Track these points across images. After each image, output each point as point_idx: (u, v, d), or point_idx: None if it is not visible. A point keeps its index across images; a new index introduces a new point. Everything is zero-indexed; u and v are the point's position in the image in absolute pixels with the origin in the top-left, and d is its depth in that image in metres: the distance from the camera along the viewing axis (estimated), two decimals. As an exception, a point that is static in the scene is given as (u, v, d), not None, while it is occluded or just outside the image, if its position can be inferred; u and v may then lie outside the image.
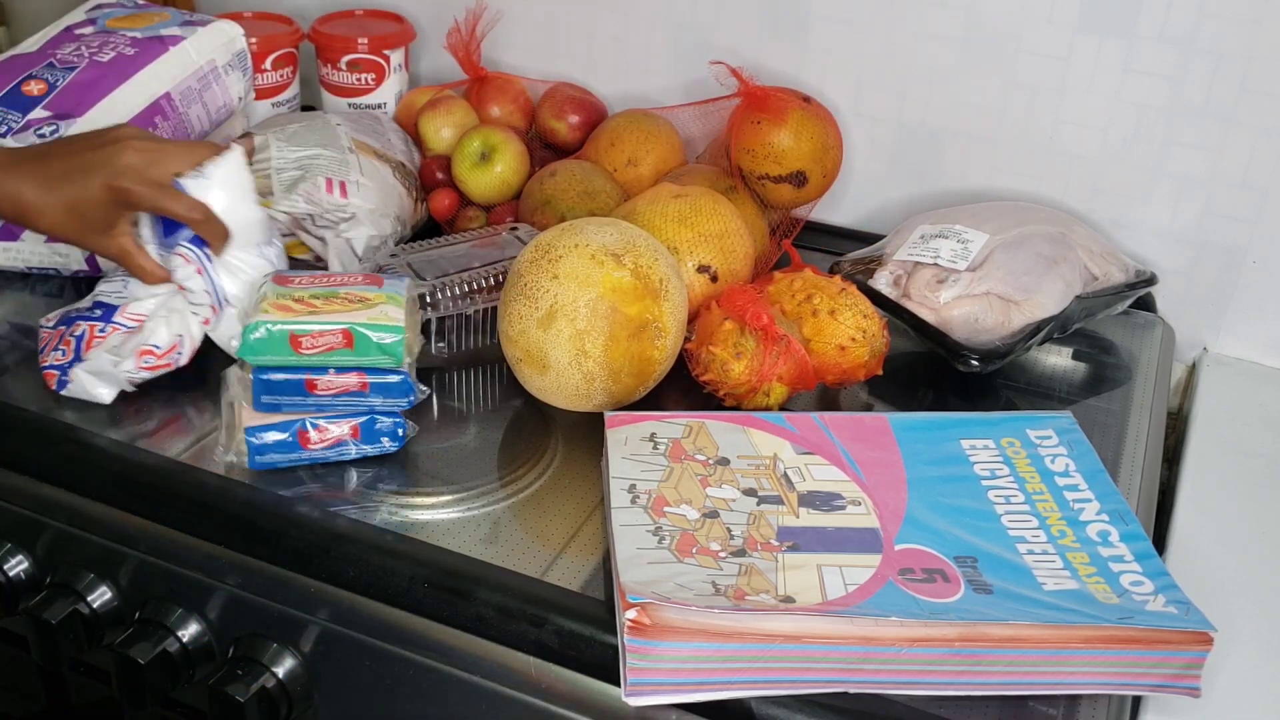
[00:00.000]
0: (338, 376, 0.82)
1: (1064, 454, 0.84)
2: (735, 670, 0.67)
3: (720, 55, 1.18)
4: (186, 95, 1.06)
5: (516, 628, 0.72)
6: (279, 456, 0.82)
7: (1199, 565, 0.83)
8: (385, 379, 0.83)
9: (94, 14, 1.11)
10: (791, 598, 0.69)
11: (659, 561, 0.71)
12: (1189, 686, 0.69)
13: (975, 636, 0.66)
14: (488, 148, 1.12)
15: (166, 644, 0.84)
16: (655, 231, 0.97)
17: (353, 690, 0.81)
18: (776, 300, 0.93)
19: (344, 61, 1.26)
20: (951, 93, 1.14)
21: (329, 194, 1.02)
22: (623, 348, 0.85)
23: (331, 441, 0.83)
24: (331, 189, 1.03)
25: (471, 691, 0.76)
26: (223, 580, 0.82)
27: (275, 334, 0.80)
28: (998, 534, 0.76)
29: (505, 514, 0.81)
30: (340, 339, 0.81)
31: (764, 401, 0.89)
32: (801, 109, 1.08)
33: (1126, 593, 0.70)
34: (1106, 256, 1.04)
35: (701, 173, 1.11)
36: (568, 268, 0.85)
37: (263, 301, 0.82)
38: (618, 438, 0.83)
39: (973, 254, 0.99)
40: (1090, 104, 1.09)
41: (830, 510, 0.77)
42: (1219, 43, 1.02)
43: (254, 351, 0.80)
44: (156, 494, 0.83)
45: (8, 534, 0.91)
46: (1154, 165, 1.09)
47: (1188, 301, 1.11)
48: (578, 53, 1.29)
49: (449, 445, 0.88)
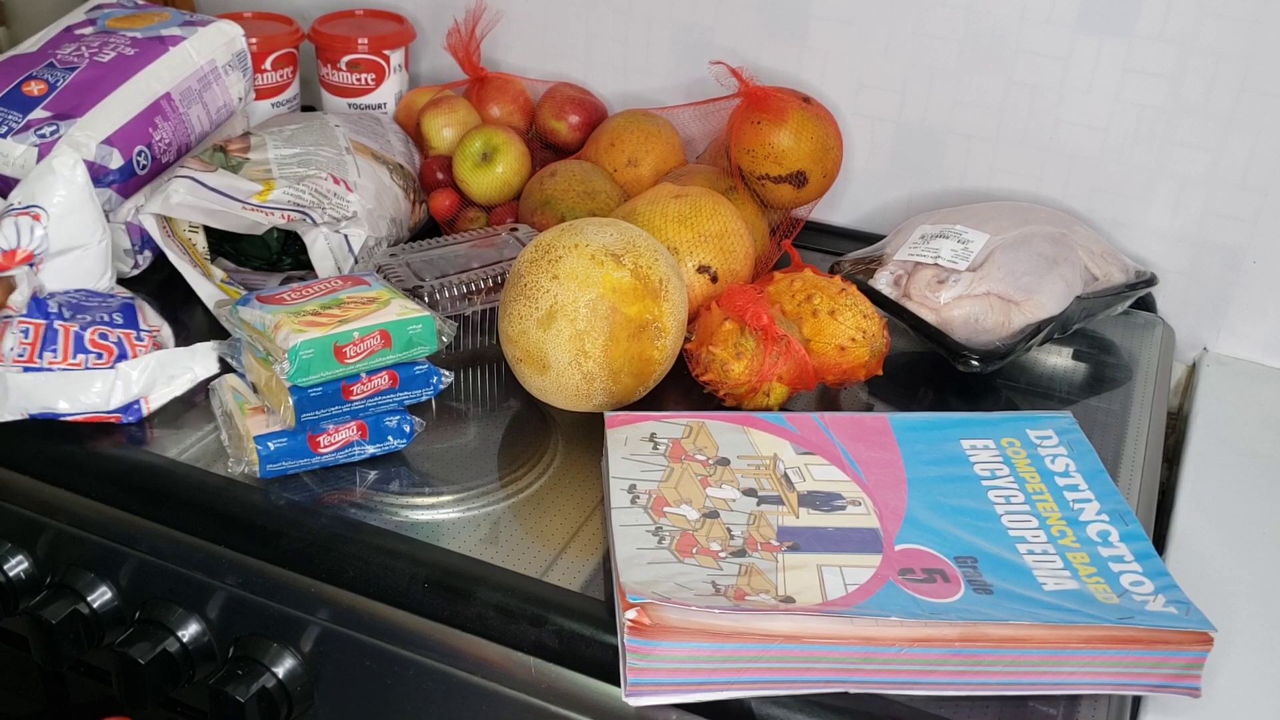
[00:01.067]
0: (371, 378, 0.82)
1: (1064, 454, 0.83)
2: (735, 670, 0.67)
3: (720, 55, 1.18)
4: (186, 95, 1.06)
5: (516, 628, 0.72)
6: (290, 463, 0.82)
7: (1199, 565, 0.83)
8: (412, 371, 0.83)
9: (94, 14, 1.11)
10: (791, 598, 0.69)
11: (659, 561, 0.71)
12: (1189, 686, 0.69)
13: (975, 636, 0.66)
14: (489, 148, 1.12)
15: (166, 644, 0.84)
16: (655, 231, 0.97)
17: (353, 690, 0.81)
18: (776, 300, 0.93)
19: (344, 61, 1.26)
20: (951, 92, 1.14)
21: (335, 185, 1.02)
22: (623, 348, 0.85)
23: (341, 444, 0.83)
24: (338, 183, 1.03)
25: (471, 691, 0.76)
26: (223, 580, 0.82)
27: (321, 350, 0.79)
28: (998, 534, 0.76)
29: (505, 514, 0.81)
30: (380, 340, 0.81)
31: (764, 401, 0.89)
32: (801, 109, 1.08)
33: (1126, 593, 0.70)
34: (1107, 257, 1.04)
35: (701, 173, 1.11)
36: (568, 268, 0.85)
37: (279, 327, 0.80)
38: (618, 438, 0.83)
39: (973, 254, 0.99)
40: (1090, 104, 1.09)
41: (830, 510, 0.77)
42: (1219, 43, 1.02)
43: (305, 372, 0.78)
44: (156, 494, 0.83)
45: (8, 534, 0.91)
46: (1154, 165, 1.09)
47: (1188, 301, 1.11)
48: (578, 53, 1.29)
49: (449, 445, 0.88)
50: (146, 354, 0.87)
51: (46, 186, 0.89)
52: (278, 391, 0.80)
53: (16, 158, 0.99)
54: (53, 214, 0.89)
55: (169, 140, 1.04)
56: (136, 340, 0.87)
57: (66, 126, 0.99)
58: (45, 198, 0.89)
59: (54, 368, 0.85)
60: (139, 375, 0.87)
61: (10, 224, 0.88)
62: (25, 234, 0.88)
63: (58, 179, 0.89)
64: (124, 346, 0.87)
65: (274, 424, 0.82)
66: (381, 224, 1.06)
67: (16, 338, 0.85)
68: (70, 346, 0.86)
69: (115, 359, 0.86)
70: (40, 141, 0.98)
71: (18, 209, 0.89)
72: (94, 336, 0.87)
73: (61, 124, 0.99)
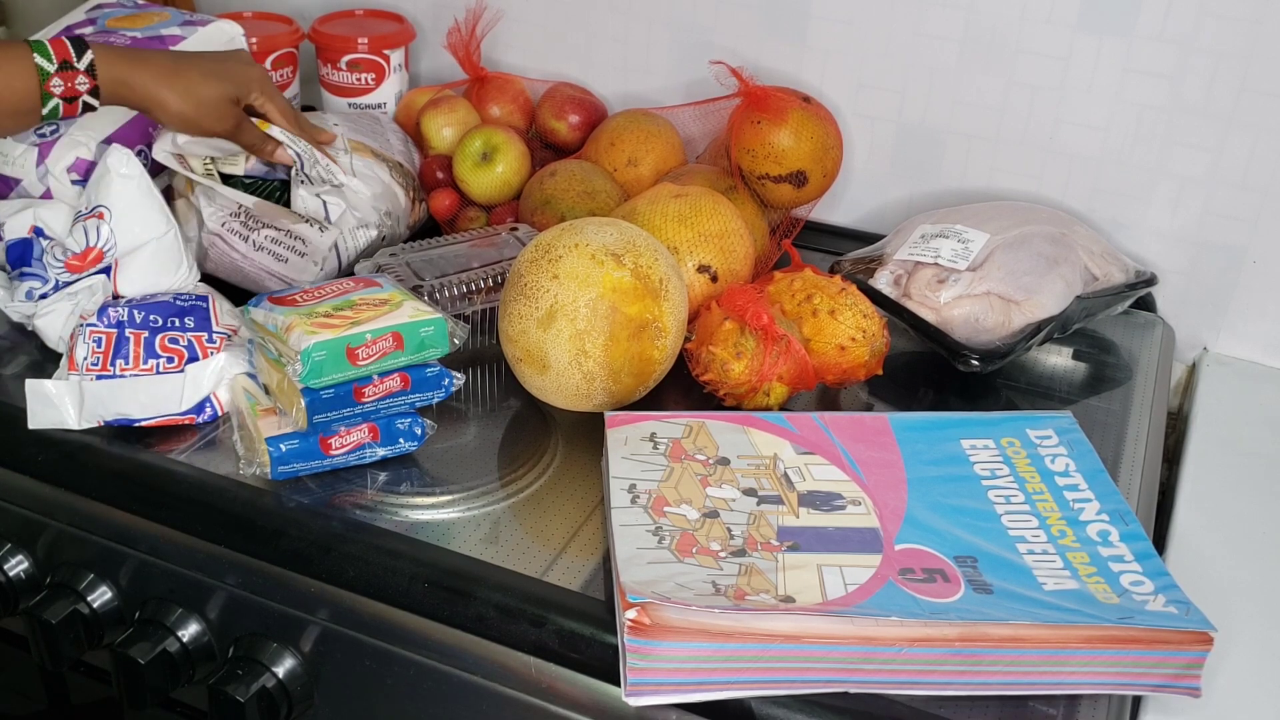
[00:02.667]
0: (383, 380, 0.82)
1: (1064, 454, 0.83)
2: (735, 670, 0.67)
3: (720, 55, 1.18)
4: (187, 95, 1.06)
5: (516, 628, 0.72)
6: (302, 465, 0.82)
7: (1199, 565, 0.82)
8: (424, 373, 0.83)
9: (94, 14, 1.11)
10: (791, 598, 0.69)
11: (659, 561, 0.71)
12: (1189, 686, 0.69)
13: (975, 636, 0.66)
14: (489, 148, 1.12)
15: (166, 644, 0.84)
16: (655, 231, 0.97)
17: (353, 690, 0.81)
18: (776, 300, 0.93)
19: (344, 61, 1.26)
20: (951, 92, 1.14)
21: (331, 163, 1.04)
22: (623, 348, 0.85)
23: (353, 446, 0.83)
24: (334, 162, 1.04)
25: (471, 691, 0.76)
26: (223, 580, 0.82)
27: (333, 352, 0.79)
28: (998, 534, 0.76)
29: (505, 514, 0.81)
30: (392, 342, 0.81)
31: (764, 401, 0.89)
32: (801, 109, 1.08)
33: (1127, 593, 0.70)
34: (1107, 257, 1.04)
35: (701, 173, 1.11)
36: (568, 268, 0.85)
37: (291, 329, 0.80)
38: (618, 438, 0.83)
39: (973, 254, 0.99)
40: (1090, 104, 1.09)
41: (830, 510, 0.77)
42: (1219, 43, 1.02)
43: (318, 374, 0.79)
44: (156, 494, 0.83)
45: (8, 534, 0.91)
46: (1154, 165, 1.09)
47: (1188, 301, 1.11)
48: (578, 53, 1.29)
49: (449, 445, 0.88)
50: (217, 354, 0.88)
51: (105, 186, 0.90)
52: (290, 393, 0.80)
53: (17, 157, 0.99)
54: (115, 211, 0.90)
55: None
56: (208, 342, 0.88)
57: (66, 126, 0.99)
58: (105, 197, 0.90)
59: (125, 374, 0.86)
60: (209, 376, 0.87)
61: (79, 229, 0.91)
62: (93, 234, 0.90)
63: (113, 177, 0.90)
64: (194, 349, 0.88)
65: (286, 425, 0.82)
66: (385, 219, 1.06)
67: (89, 347, 0.87)
68: (141, 352, 0.87)
69: (186, 362, 0.87)
70: (40, 141, 0.99)
71: (85, 213, 0.91)
72: (164, 341, 0.88)
73: (61, 123, 0.99)
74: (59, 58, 0.89)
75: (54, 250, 0.91)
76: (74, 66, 0.89)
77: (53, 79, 0.88)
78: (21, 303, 0.92)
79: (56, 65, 0.88)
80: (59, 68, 0.88)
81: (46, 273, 0.91)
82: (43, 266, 0.92)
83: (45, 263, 0.92)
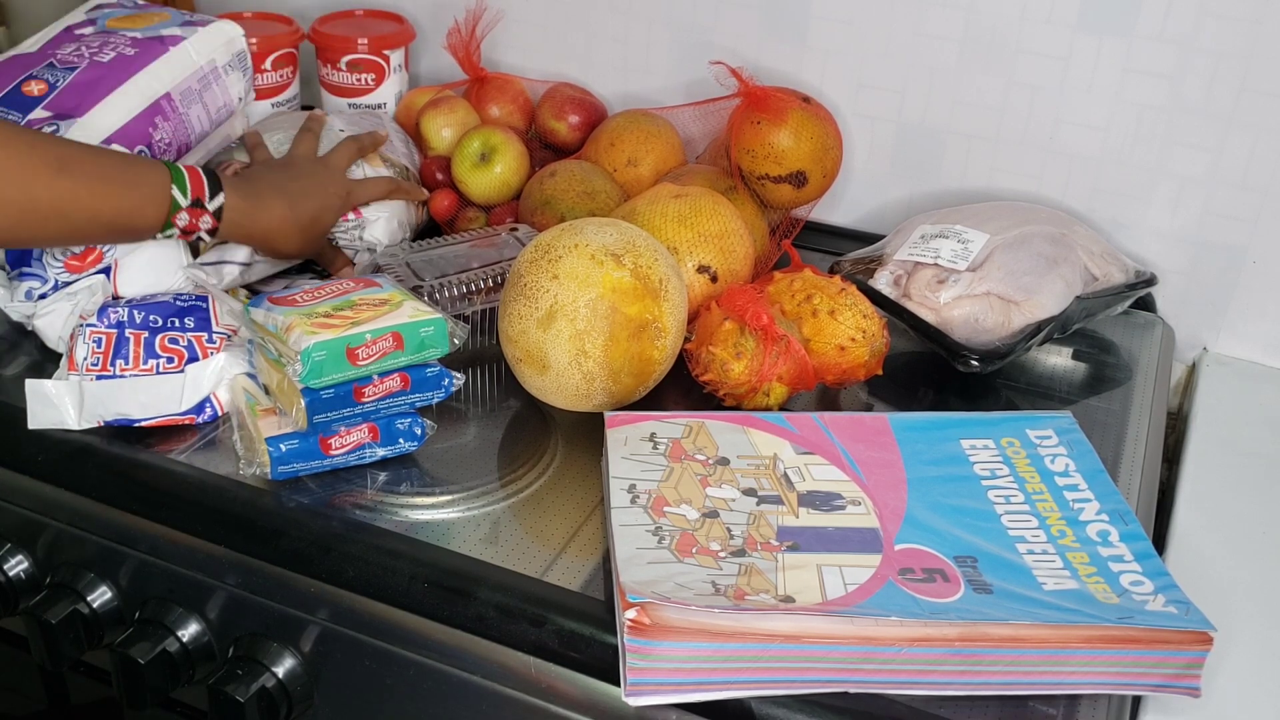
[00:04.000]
0: (383, 380, 0.82)
1: (1064, 454, 0.83)
2: (735, 670, 0.67)
3: (720, 55, 1.18)
4: (187, 95, 1.06)
5: (516, 628, 0.72)
6: (302, 465, 0.82)
7: (1199, 565, 0.82)
8: (424, 373, 0.83)
9: (94, 14, 1.11)
10: (791, 598, 0.69)
11: (659, 561, 0.71)
12: (1189, 686, 0.69)
13: (975, 636, 0.66)
14: (488, 148, 1.12)
15: (166, 644, 0.84)
16: (655, 231, 0.97)
17: (353, 690, 0.81)
18: (776, 300, 0.93)
19: (344, 61, 1.26)
20: (951, 92, 1.14)
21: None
22: (623, 348, 0.85)
23: (353, 446, 0.83)
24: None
25: (471, 691, 0.76)
26: (223, 580, 0.82)
27: (333, 352, 0.79)
28: (998, 534, 0.76)
29: (505, 514, 0.81)
30: (392, 342, 0.81)
31: (764, 401, 0.89)
32: (801, 109, 1.08)
33: (1126, 592, 0.70)
34: (1106, 257, 1.04)
35: (701, 173, 1.11)
36: (568, 268, 0.85)
37: (291, 329, 0.80)
38: (618, 438, 0.83)
39: (973, 254, 0.99)
40: (1090, 104, 1.09)
41: (830, 510, 0.77)
42: (1219, 43, 1.02)
43: (318, 374, 0.79)
44: (156, 494, 0.83)
45: (8, 534, 0.91)
46: (1154, 165, 1.09)
47: (1188, 301, 1.11)
48: (578, 53, 1.29)
49: (449, 445, 0.88)
50: (216, 354, 0.88)
51: None
52: (290, 393, 0.80)
53: (16, 158, 0.99)
54: None
55: (169, 140, 1.04)
56: (208, 343, 0.89)
57: (66, 126, 0.99)
58: None
59: (125, 374, 0.86)
60: (209, 376, 0.88)
61: None
62: None
63: None
64: (194, 349, 0.88)
65: (286, 426, 0.82)
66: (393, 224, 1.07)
67: (89, 347, 0.87)
68: (141, 353, 0.87)
69: (185, 362, 0.87)
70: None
71: None
72: (164, 341, 0.88)
73: (61, 124, 0.99)
74: (194, 194, 0.87)
75: (54, 250, 0.92)
76: (204, 205, 0.88)
77: (181, 213, 0.87)
78: (21, 302, 0.92)
79: (190, 201, 0.87)
80: (191, 204, 0.87)
81: (46, 273, 0.91)
82: (42, 266, 0.92)
83: (45, 262, 0.92)
